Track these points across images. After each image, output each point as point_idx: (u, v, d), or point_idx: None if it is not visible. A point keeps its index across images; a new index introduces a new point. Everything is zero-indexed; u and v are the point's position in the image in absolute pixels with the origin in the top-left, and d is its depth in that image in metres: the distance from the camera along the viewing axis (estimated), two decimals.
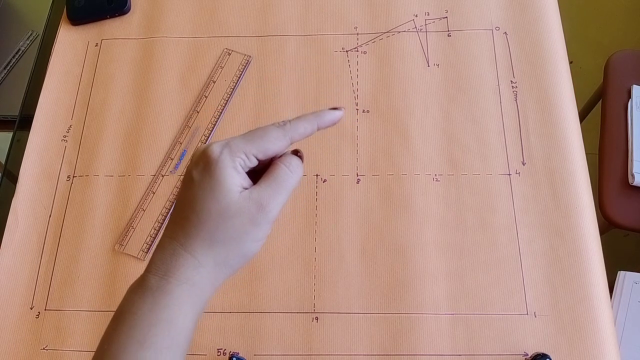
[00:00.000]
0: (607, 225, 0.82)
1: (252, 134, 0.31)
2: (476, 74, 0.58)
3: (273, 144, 0.31)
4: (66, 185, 0.56)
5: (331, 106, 0.34)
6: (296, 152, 0.34)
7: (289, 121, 0.32)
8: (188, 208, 0.31)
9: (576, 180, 0.52)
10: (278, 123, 0.32)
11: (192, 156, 0.32)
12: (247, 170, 0.31)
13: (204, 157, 0.31)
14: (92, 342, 0.49)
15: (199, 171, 0.31)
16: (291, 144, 0.32)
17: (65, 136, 0.58)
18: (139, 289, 0.30)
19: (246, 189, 0.31)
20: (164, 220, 0.54)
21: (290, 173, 0.32)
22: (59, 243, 0.54)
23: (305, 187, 0.54)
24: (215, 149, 0.30)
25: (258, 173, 0.32)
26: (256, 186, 0.31)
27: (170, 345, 0.29)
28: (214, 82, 0.60)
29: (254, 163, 0.31)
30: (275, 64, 0.60)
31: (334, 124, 0.34)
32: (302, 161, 0.33)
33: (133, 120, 0.59)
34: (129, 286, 0.38)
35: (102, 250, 0.53)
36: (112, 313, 0.31)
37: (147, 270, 0.31)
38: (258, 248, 0.32)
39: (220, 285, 0.31)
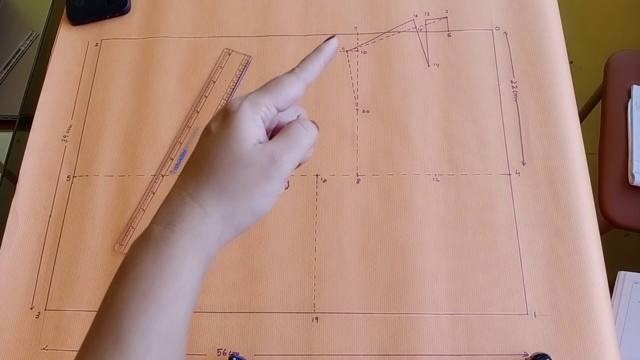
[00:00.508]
0: (607, 225, 0.82)
1: (267, 86, 0.31)
2: (476, 73, 0.58)
3: (290, 89, 0.31)
4: (66, 185, 0.56)
5: (331, 106, 0.34)
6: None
7: (297, 65, 0.33)
8: (201, 157, 0.30)
9: (576, 180, 0.52)
10: (288, 71, 0.32)
11: (215, 114, 0.32)
12: (268, 122, 0.31)
13: (224, 109, 0.31)
14: None
15: (218, 123, 0.30)
16: (306, 86, 0.32)
17: (65, 136, 0.58)
18: (143, 240, 0.29)
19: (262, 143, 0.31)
20: None
21: (304, 130, 0.32)
22: (59, 243, 0.54)
23: (305, 187, 0.54)
24: (235, 102, 0.30)
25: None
26: (270, 141, 0.31)
27: (175, 298, 0.28)
28: (214, 82, 0.60)
29: (275, 113, 0.31)
30: (275, 64, 0.60)
31: (336, 52, 0.34)
32: (317, 128, 0.34)
33: (133, 120, 0.59)
34: None
35: (102, 250, 0.53)
36: None
37: (153, 220, 0.30)
38: (268, 206, 0.31)
39: (227, 241, 0.31)
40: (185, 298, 0.28)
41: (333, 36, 0.34)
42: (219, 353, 0.48)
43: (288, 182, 0.32)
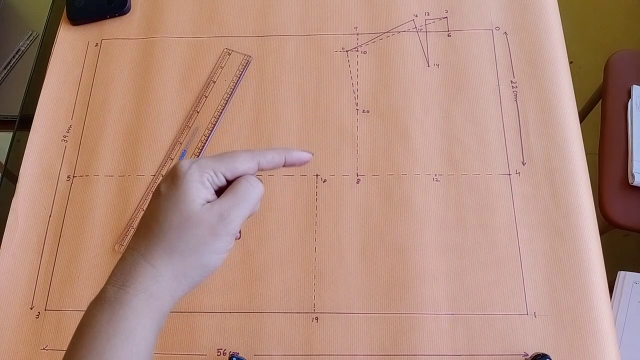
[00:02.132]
0: (607, 225, 0.82)
1: (222, 155, 0.33)
2: (476, 74, 0.58)
3: (241, 164, 0.33)
4: (66, 185, 0.56)
5: (331, 106, 0.35)
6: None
7: (262, 153, 0.34)
8: (152, 219, 0.31)
9: (576, 180, 0.52)
10: (251, 152, 0.34)
11: (164, 175, 0.33)
12: (216, 188, 0.32)
13: (173, 171, 0.32)
14: None
15: (167, 184, 0.32)
16: (259, 169, 0.34)
17: (65, 136, 0.58)
18: (98, 301, 0.30)
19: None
20: None
21: (250, 187, 0.33)
22: (59, 243, 0.54)
23: (305, 187, 0.54)
24: (184, 164, 0.32)
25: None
26: (218, 199, 0.32)
27: (130, 355, 0.29)
28: (214, 82, 0.60)
29: (222, 181, 0.32)
30: (275, 64, 0.60)
31: (301, 164, 0.35)
32: (262, 184, 0.35)
33: (133, 120, 0.59)
34: None
35: (102, 250, 0.53)
36: None
37: (107, 281, 0.31)
38: (219, 261, 0.32)
39: (180, 297, 0.32)
40: (140, 355, 0.30)
41: (310, 152, 0.35)
42: (219, 353, 0.48)
43: (240, 232, 0.33)
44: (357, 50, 0.60)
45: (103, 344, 0.29)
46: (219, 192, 0.33)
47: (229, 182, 0.33)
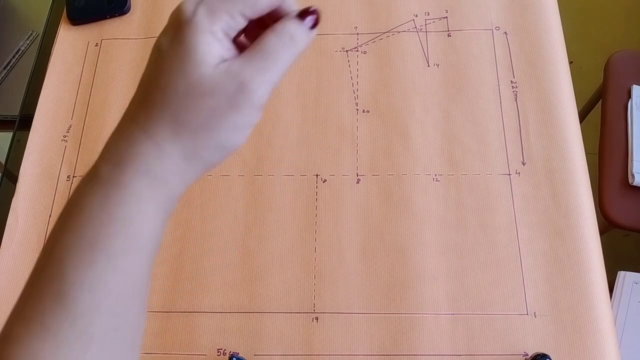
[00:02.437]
0: (607, 225, 0.82)
1: None
2: (476, 74, 0.58)
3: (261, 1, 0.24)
4: (66, 185, 0.56)
5: (331, 106, 0.30)
6: (307, 12, 0.26)
7: None
8: (152, 83, 0.24)
9: (576, 180, 0.52)
10: None
11: (166, 24, 0.26)
12: (233, 35, 0.24)
13: (175, 18, 0.24)
14: None
15: (169, 38, 0.24)
16: None
17: (65, 136, 0.58)
18: (89, 180, 0.24)
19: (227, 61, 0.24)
20: None
21: (281, 42, 0.24)
22: None
23: (305, 187, 0.54)
24: (186, 7, 0.24)
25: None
26: (238, 58, 0.24)
27: (129, 248, 0.23)
28: None
29: (241, 25, 0.24)
30: None
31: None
32: (316, 23, 0.25)
33: None
34: None
35: None
36: None
37: (99, 157, 0.25)
38: (241, 139, 0.25)
39: (195, 180, 0.26)
40: (141, 248, 0.24)
41: None
42: (219, 353, 0.48)
43: None
44: (357, 50, 0.60)
45: (95, 231, 0.23)
46: (240, 46, 0.25)
47: (254, 25, 0.25)
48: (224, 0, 0.24)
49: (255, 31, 0.26)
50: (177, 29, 0.24)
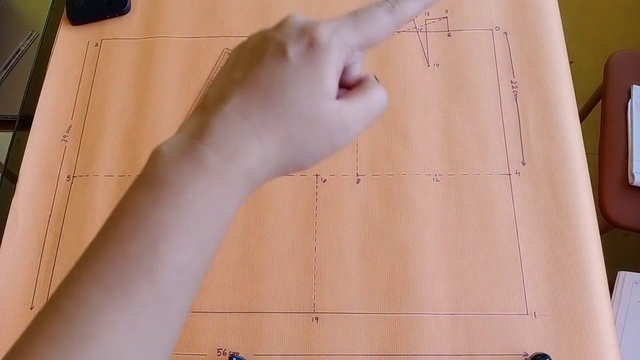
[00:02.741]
0: (607, 225, 0.82)
1: (361, 21, 0.26)
2: (476, 74, 0.58)
3: (381, 34, 0.26)
4: (66, 185, 0.56)
5: None
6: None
7: (396, 0, 0.27)
8: (274, 89, 0.24)
9: (576, 180, 0.52)
10: (384, 3, 0.27)
11: (285, 23, 0.26)
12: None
13: (310, 36, 0.25)
14: None
15: (300, 50, 0.25)
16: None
17: (65, 136, 0.58)
18: (190, 161, 0.24)
19: (336, 97, 0.26)
20: None
21: (384, 101, 0.27)
22: (59, 243, 0.54)
23: (305, 187, 0.54)
24: (324, 34, 0.25)
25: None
26: (348, 103, 0.26)
27: (217, 239, 0.24)
28: None
29: (352, 57, 0.26)
30: None
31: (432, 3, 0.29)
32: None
33: (133, 120, 0.59)
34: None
35: None
36: None
37: (201, 139, 0.24)
38: (312, 164, 0.27)
39: None
40: (222, 238, 0.25)
41: None
42: (219, 353, 0.48)
43: None
44: None
45: (193, 218, 0.23)
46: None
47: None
48: (353, 35, 0.26)
49: None
50: (312, 48, 0.25)
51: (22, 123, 0.61)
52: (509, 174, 0.53)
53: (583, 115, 1.01)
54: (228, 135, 0.24)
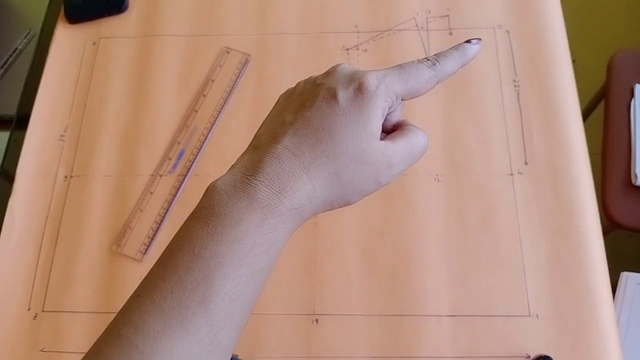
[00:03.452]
0: (609, 226, 0.81)
1: (406, 73, 0.28)
2: (478, 72, 0.57)
3: (423, 87, 0.28)
4: (63, 185, 0.56)
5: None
6: None
7: (436, 59, 0.29)
8: (325, 130, 0.27)
9: (579, 180, 0.52)
10: (425, 61, 0.29)
11: (335, 71, 0.29)
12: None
13: (359, 82, 0.27)
14: (91, 343, 0.49)
15: (349, 95, 0.27)
16: None
17: (62, 136, 0.58)
18: (244, 196, 0.26)
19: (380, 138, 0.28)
20: (161, 220, 0.53)
21: (425, 142, 0.29)
22: (56, 243, 0.53)
23: None
24: (372, 80, 0.27)
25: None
26: (393, 143, 0.28)
27: (266, 268, 0.26)
28: (213, 81, 0.59)
29: (397, 105, 0.29)
30: (274, 63, 0.60)
31: (474, 57, 0.31)
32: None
33: (131, 120, 0.58)
34: (127, 286, 0.34)
35: (100, 251, 0.52)
36: (111, 314, 0.30)
37: (255, 176, 0.26)
38: (358, 200, 0.29)
39: None
40: (270, 270, 0.26)
41: (479, 40, 0.31)
42: None
43: None
44: (358, 49, 0.60)
45: (247, 249, 0.25)
46: None
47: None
48: (399, 84, 0.28)
49: None
50: (360, 92, 0.27)
51: (19, 122, 0.61)
52: (511, 174, 0.53)
53: (585, 114, 1.00)
54: (280, 172, 0.26)
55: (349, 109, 0.27)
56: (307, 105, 0.28)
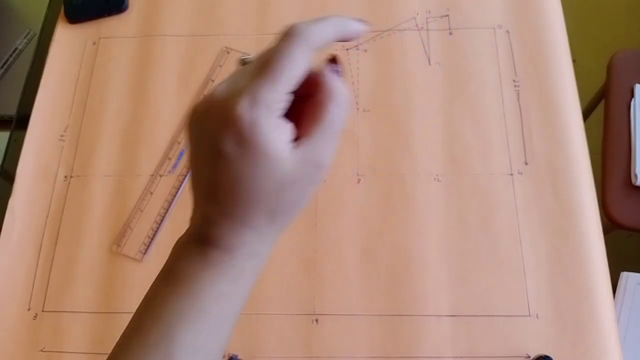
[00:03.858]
0: (609, 226, 0.81)
1: (272, 70, 0.24)
2: (478, 72, 0.57)
3: (300, 68, 0.25)
4: (63, 185, 0.56)
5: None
6: (333, 60, 0.28)
7: (306, 25, 0.26)
8: (237, 184, 0.25)
9: (579, 180, 0.52)
10: (292, 32, 0.25)
11: (210, 107, 0.25)
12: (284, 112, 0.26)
13: (233, 124, 0.24)
14: (91, 343, 0.49)
15: (234, 143, 0.24)
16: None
17: (62, 136, 0.58)
18: (197, 256, 0.26)
19: (293, 140, 0.25)
20: (161, 220, 0.53)
21: (340, 111, 0.26)
22: (56, 243, 0.53)
23: None
24: (244, 112, 0.24)
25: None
26: (308, 141, 0.25)
27: (230, 318, 0.27)
28: (213, 81, 0.59)
29: (289, 99, 0.25)
30: None
31: (356, 37, 0.28)
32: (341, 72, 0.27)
33: (131, 120, 0.58)
34: (127, 286, 0.34)
35: (100, 251, 0.52)
36: (111, 314, 0.30)
37: (202, 240, 0.27)
38: (306, 206, 0.28)
39: None
40: (236, 315, 0.27)
41: (364, 22, 0.29)
42: None
43: None
44: (358, 49, 0.60)
45: (206, 304, 0.26)
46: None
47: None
48: (272, 92, 0.24)
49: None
50: (242, 133, 0.24)
51: (19, 122, 0.61)
52: (511, 174, 0.53)
53: (586, 114, 1.00)
54: (221, 234, 0.26)
55: (242, 156, 0.25)
56: (211, 165, 0.26)
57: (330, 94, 0.26)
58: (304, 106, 0.27)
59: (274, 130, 0.24)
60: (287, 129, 0.25)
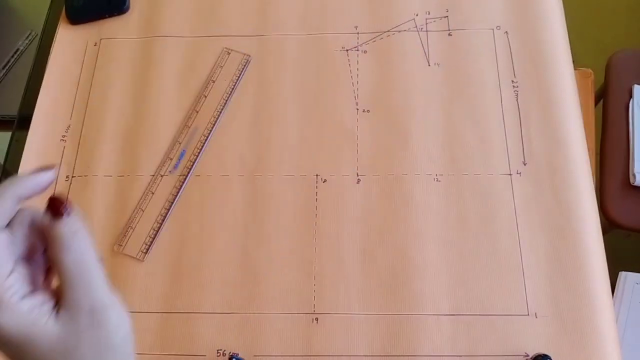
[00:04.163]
0: (608, 226, 0.82)
1: None
2: (477, 73, 0.58)
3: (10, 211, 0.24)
4: (65, 185, 0.56)
5: (332, 105, 0.28)
6: (53, 204, 0.26)
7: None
8: None
9: (578, 181, 0.52)
10: None
11: None
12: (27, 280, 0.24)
13: None
14: None
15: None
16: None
17: (64, 136, 0.58)
18: None
19: (52, 309, 0.24)
20: (163, 220, 0.53)
21: (75, 250, 0.25)
22: None
23: (305, 187, 0.54)
24: None
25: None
26: (65, 296, 0.24)
27: None
28: (214, 82, 0.59)
29: (13, 284, 0.24)
30: (275, 63, 0.60)
31: (42, 190, 0.27)
32: (70, 204, 0.25)
33: (132, 120, 0.58)
34: (129, 286, 0.33)
35: (101, 251, 0.53)
36: None
37: None
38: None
39: None
40: None
41: (50, 168, 0.27)
42: (219, 354, 0.48)
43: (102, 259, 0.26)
44: (358, 50, 0.60)
45: None
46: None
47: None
48: None
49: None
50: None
51: (20, 123, 0.61)
52: (510, 174, 0.53)
53: None
54: None
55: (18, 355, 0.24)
56: None
57: (55, 244, 0.25)
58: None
59: (19, 316, 0.23)
60: (36, 301, 0.24)
